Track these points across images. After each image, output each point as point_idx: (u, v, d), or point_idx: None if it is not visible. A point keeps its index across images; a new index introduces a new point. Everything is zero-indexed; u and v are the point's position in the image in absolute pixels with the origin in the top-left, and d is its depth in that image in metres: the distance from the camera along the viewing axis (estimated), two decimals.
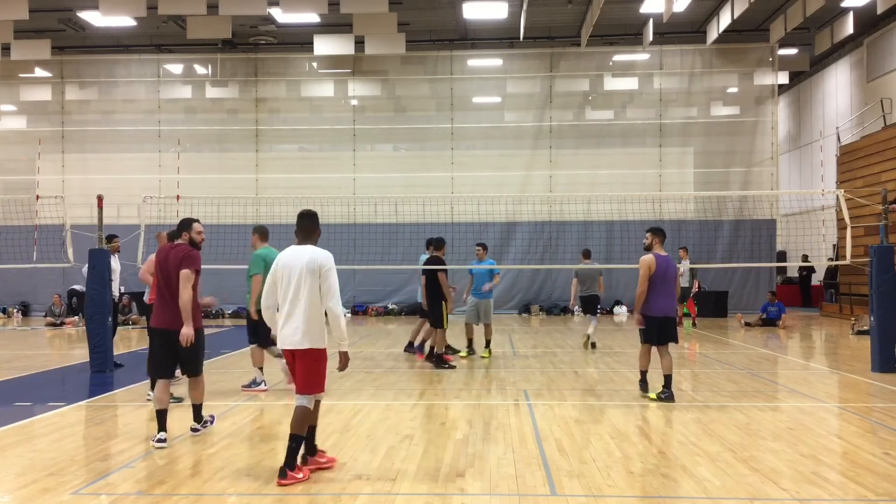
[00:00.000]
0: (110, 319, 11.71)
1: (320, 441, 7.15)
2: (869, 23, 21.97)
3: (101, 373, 11.41)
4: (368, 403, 9.02)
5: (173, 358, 7.17)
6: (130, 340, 16.77)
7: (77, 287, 20.98)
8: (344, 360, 6.04)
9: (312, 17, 20.93)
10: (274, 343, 7.17)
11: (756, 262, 23.07)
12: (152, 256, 9.89)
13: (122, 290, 12.87)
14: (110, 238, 12.35)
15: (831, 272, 23.56)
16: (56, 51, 23.43)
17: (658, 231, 9.31)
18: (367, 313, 24.26)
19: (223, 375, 11.34)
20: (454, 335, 13.79)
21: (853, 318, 18.01)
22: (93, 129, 25.56)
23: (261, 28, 23.68)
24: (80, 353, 13.51)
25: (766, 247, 23.96)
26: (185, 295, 6.95)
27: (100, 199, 12.41)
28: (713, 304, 22.09)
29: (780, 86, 25.96)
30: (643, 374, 9.44)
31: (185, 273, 6.97)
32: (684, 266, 19.04)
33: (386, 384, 10.43)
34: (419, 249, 21.04)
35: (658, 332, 9.15)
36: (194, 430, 7.46)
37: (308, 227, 6.48)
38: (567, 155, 24.85)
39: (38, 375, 11.85)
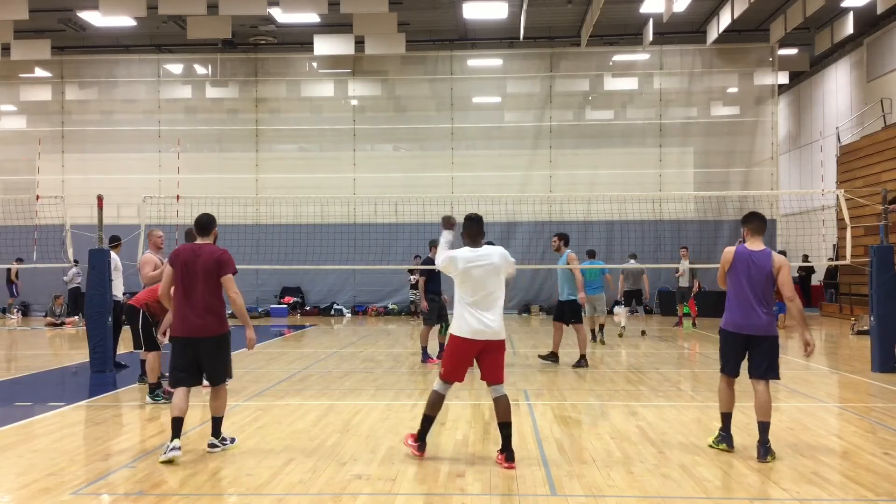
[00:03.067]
0: (111, 320, 11.69)
1: (320, 441, 7.15)
2: (869, 23, 21.97)
3: (101, 373, 11.40)
4: (368, 403, 9.02)
5: (198, 366, 6.69)
6: (131, 340, 16.74)
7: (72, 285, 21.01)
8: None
9: (312, 17, 20.93)
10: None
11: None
12: (149, 255, 9.90)
13: (124, 291, 12.85)
14: (114, 239, 12.36)
15: (831, 272, 23.55)
16: (56, 51, 23.44)
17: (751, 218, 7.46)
18: (366, 313, 24.27)
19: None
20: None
21: (853, 318, 18.01)
22: (93, 129, 25.58)
23: (261, 28, 23.68)
24: (80, 353, 13.51)
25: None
26: (238, 299, 6.78)
27: (100, 199, 12.41)
28: (713, 304, 22.03)
29: (780, 86, 25.96)
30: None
31: (230, 278, 6.72)
32: (684, 266, 19.04)
33: (386, 384, 10.43)
34: (419, 249, 21.12)
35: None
36: (211, 445, 6.68)
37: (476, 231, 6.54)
38: (567, 155, 24.85)
39: (38, 375, 11.84)
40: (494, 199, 22.43)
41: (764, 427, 6.42)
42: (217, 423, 6.79)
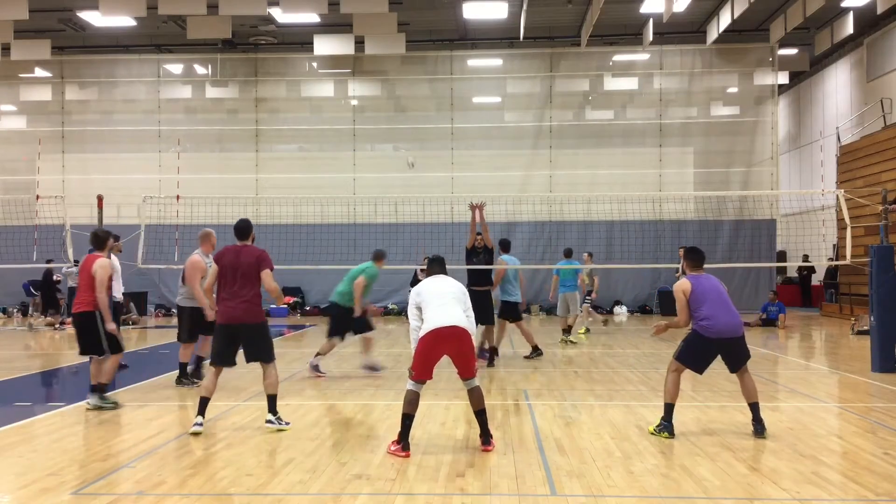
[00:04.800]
0: None
1: (319, 441, 7.15)
2: (869, 23, 21.97)
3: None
4: (368, 403, 9.02)
5: (235, 349, 7.67)
6: (131, 340, 16.76)
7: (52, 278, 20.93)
8: None
9: (312, 17, 20.93)
10: None
11: (756, 262, 23.06)
12: (198, 258, 9.86)
13: (123, 291, 12.86)
14: (114, 238, 12.34)
15: (831, 272, 23.55)
16: (56, 51, 23.45)
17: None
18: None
19: (223, 375, 11.30)
20: None
21: (853, 318, 18.01)
22: (93, 129, 25.57)
23: (261, 28, 23.67)
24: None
25: (766, 247, 23.95)
26: (276, 290, 7.70)
27: (100, 199, 12.40)
28: None
29: (780, 86, 25.96)
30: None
31: (268, 273, 7.62)
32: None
33: (386, 384, 10.42)
34: (417, 250, 21.12)
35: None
36: (269, 421, 7.56)
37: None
38: (567, 155, 24.85)
39: (38, 375, 11.85)
40: (494, 199, 22.39)
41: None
42: (272, 400, 7.63)
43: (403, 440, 6.63)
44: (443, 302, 6.79)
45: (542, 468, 6.19)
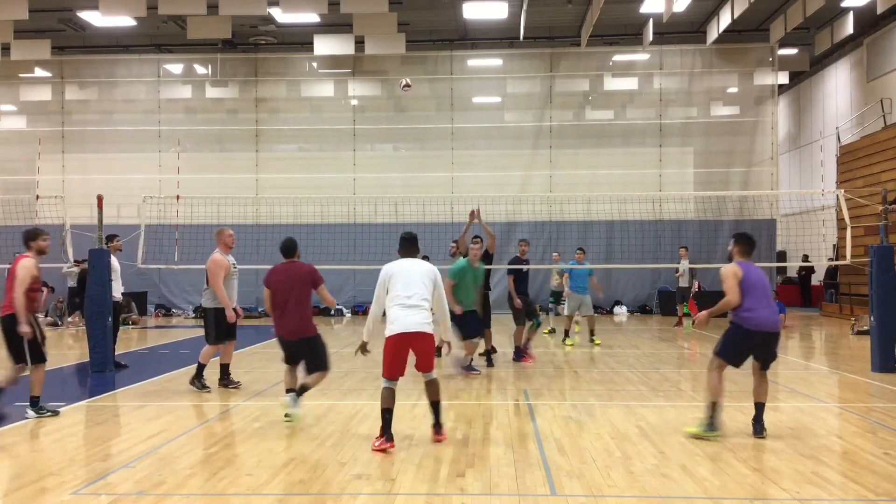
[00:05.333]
0: (110, 319, 11.70)
1: (319, 441, 7.15)
2: (869, 23, 21.97)
3: (101, 373, 11.40)
4: (368, 403, 9.02)
5: (297, 358, 8.14)
6: (131, 340, 16.77)
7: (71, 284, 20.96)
8: None
9: (312, 17, 20.93)
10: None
11: (756, 262, 22.93)
12: (220, 257, 9.80)
13: (123, 290, 12.86)
14: (111, 238, 12.35)
15: (831, 272, 23.55)
16: (56, 51, 23.44)
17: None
18: (367, 313, 24.25)
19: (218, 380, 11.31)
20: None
21: (853, 318, 18.01)
22: (93, 129, 25.57)
23: (261, 28, 23.67)
24: (80, 353, 13.51)
25: (766, 247, 23.92)
26: (332, 302, 8.49)
27: (100, 199, 12.41)
28: (713, 305, 22.02)
29: (780, 86, 25.96)
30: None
31: (324, 286, 8.25)
32: (684, 266, 19.04)
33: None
34: (419, 249, 21.02)
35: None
36: (289, 400, 7.84)
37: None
38: (567, 155, 24.85)
39: None
40: (494, 199, 22.43)
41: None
42: (304, 389, 7.91)
43: (386, 433, 6.80)
44: (408, 295, 6.96)
45: (542, 468, 6.19)
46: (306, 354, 8.06)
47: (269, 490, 5.69)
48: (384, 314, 7.22)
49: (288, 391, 8.02)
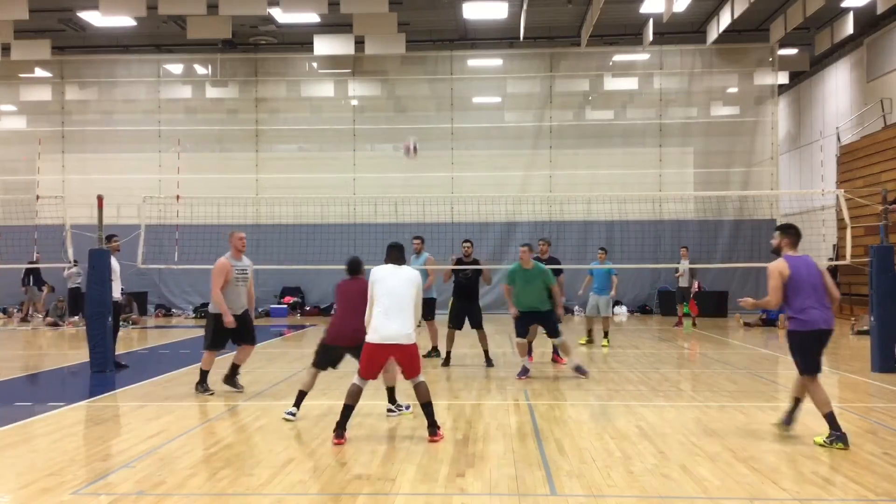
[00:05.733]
0: (110, 319, 11.69)
1: (319, 441, 7.16)
2: (869, 23, 21.95)
3: (101, 373, 11.40)
4: (368, 403, 9.01)
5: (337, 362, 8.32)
6: (131, 340, 16.77)
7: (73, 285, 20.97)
8: None
9: (312, 17, 20.91)
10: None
11: (756, 262, 23.01)
12: (225, 262, 9.59)
13: (123, 290, 12.86)
14: (109, 238, 12.35)
15: (831, 272, 23.52)
16: (56, 51, 23.42)
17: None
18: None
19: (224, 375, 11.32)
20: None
21: (853, 318, 18.01)
22: (93, 129, 25.56)
23: (261, 28, 23.67)
24: (80, 353, 13.51)
25: (766, 247, 23.76)
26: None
27: (100, 199, 12.41)
28: (713, 304, 22.08)
29: (780, 86, 25.95)
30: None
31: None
32: (684, 266, 19.05)
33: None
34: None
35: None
36: (389, 410, 8.32)
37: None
38: (567, 155, 24.84)
39: (38, 375, 11.85)
40: (494, 199, 22.44)
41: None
42: (392, 391, 8.34)
43: (339, 428, 7.11)
44: (391, 304, 7.16)
45: (542, 468, 6.19)
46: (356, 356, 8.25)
47: (269, 490, 5.69)
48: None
49: (301, 394, 8.19)
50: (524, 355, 11.26)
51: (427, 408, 7.23)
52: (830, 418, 6.83)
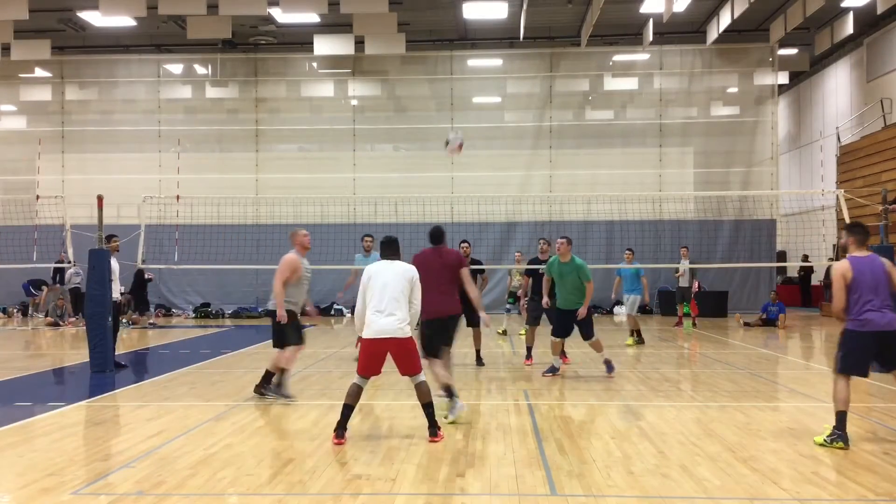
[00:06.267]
0: (110, 319, 11.69)
1: (319, 441, 7.16)
2: (869, 23, 21.97)
3: (101, 373, 11.40)
4: (368, 403, 9.01)
5: (434, 341, 8.27)
6: (131, 340, 16.77)
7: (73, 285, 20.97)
8: None
9: (312, 17, 20.92)
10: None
11: (756, 262, 23.06)
12: (294, 256, 9.20)
13: (123, 290, 12.86)
14: (109, 238, 12.35)
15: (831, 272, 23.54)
16: (56, 51, 23.42)
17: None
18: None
19: (224, 375, 11.34)
20: None
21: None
22: (93, 129, 25.55)
23: (261, 28, 23.67)
24: (80, 353, 13.51)
25: (766, 247, 23.94)
26: (474, 290, 8.72)
27: (100, 199, 12.42)
28: (713, 304, 22.08)
29: (780, 86, 25.96)
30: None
31: (466, 270, 8.61)
32: (684, 266, 19.04)
33: (386, 384, 10.41)
34: (420, 249, 21.03)
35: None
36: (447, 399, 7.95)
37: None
38: (567, 155, 24.84)
39: (38, 375, 11.85)
40: (494, 199, 22.44)
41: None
42: (449, 389, 7.95)
43: (339, 428, 7.04)
44: (384, 298, 7.10)
45: (542, 468, 6.19)
46: (440, 332, 8.32)
47: (269, 490, 5.69)
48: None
49: (448, 391, 7.90)
50: (557, 354, 11.14)
51: (428, 408, 7.18)
52: (841, 417, 6.82)
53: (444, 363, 8.32)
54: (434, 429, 7.14)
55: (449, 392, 7.90)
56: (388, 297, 7.09)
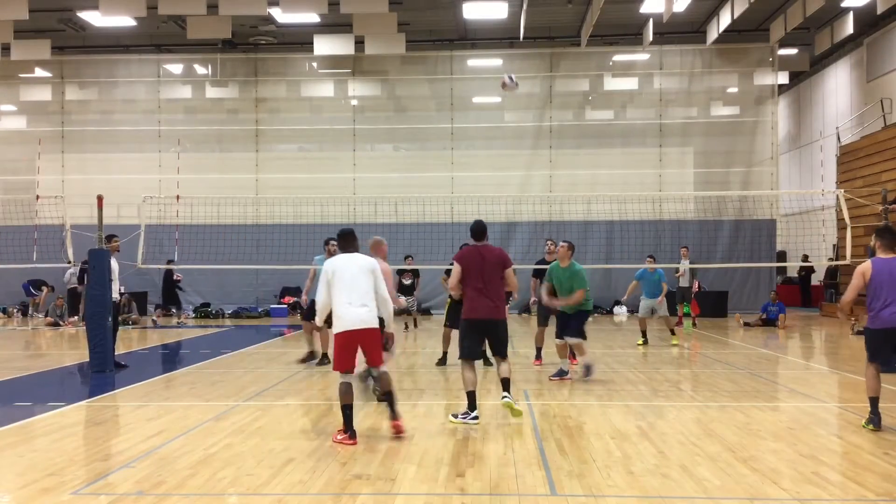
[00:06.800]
0: (110, 319, 11.69)
1: (319, 441, 7.16)
2: (869, 23, 21.97)
3: (101, 373, 11.40)
4: (369, 403, 9.01)
5: (483, 343, 8.22)
6: (131, 340, 16.76)
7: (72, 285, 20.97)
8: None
9: (312, 17, 20.92)
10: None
11: (756, 262, 23.06)
12: (385, 265, 9.12)
13: (123, 290, 12.85)
14: (109, 238, 12.35)
15: (831, 272, 23.55)
16: (56, 51, 23.43)
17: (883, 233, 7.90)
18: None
19: (224, 375, 11.34)
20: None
21: (853, 319, 18.00)
22: (93, 129, 25.56)
23: (261, 28, 23.67)
24: (79, 353, 13.52)
25: (766, 247, 23.95)
26: (516, 283, 8.31)
27: (100, 199, 12.42)
28: (713, 304, 22.08)
29: (780, 86, 25.96)
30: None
31: (511, 270, 8.20)
32: (684, 266, 19.04)
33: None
34: (419, 249, 21.11)
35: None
36: (504, 397, 7.89)
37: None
38: (567, 155, 24.85)
39: (38, 375, 11.85)
40: (494, 199, 22.43)
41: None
42: (506, 382, 7.98)
43: (349, 429, 7.04)
44: (350, 292, 7.17)
45: (542, 468, 6.19)
46: (496, 336, 8.07)
47: (269, 490, 5.69)
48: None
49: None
50: (564, 356, 10.95)
51: (389, 396, 7.39)
52: (873, 402, 7.47)
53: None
54: (395, 414, 7.29)
55: (505, 385, 7.98)
56: (358, 289, 7.19)
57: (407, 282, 17.70)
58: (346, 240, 7.64)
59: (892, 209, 13.68)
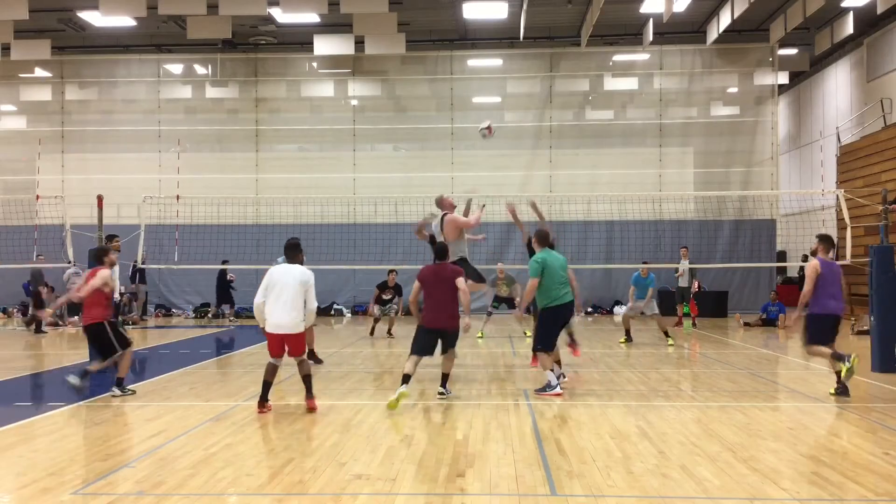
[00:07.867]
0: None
1: (319, 441, 7.16)
2: (869, 23, 21.96)
3: (102, 373, 11.37)
4: (369, 403, 9.02)
5: (434, 344, 9.16)
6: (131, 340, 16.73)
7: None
8: None
9: (312, 17, 20.92)
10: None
11: (756, 262, 23.06)
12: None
13: (123, 290, 12.86)
14: (110, 238, 12.35)
15: None
16: (56, 51, 23.42)
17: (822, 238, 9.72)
18: (366, 313, 24.23)
19: (224, 375, 11.35)
20: None
21: (853, 318, 18.00)
22: (93, 129, 25.56)
23: (261, 28, 23.67)
24: (79, 354, 13.51)
25: (766, 247, 23.95)
26: (466, 298, 9.11)
27: (100, 199, 12.43)
28: (713, 304, 22.08)
29: (780, 86, 25.95)
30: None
31: (462, 280, 9.17)
32: (684, 266, 19.04)
33: (386, 384, 10.43)
34: (419, 249, 21.09)
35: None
36: (440, 394, 9.26)
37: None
38: (567, 155, 24.85)
39: (38, 375, 11.85)
40: (494, 199, 22.40)
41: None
42: (445, 378, 9.37)
43: (263, 400, 8.40)
44: (279, 300, 8.29)
45: (542, 468, 6.19)
46: (446, 338, 9.20)
47: (269, 490, 5.69)
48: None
49: (405, 377, 8.82)
50: (548, 367, 10.69)
51: (307, 379, 8.54)
52: (830, 357, 9.18)
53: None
54: (311, 393, 8.53)
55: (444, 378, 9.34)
56: (285, 298, 8.25)
57: (386, 297, 17.34)
58: (290, 250, 8.71)
59: (892, 209, 13.67)
